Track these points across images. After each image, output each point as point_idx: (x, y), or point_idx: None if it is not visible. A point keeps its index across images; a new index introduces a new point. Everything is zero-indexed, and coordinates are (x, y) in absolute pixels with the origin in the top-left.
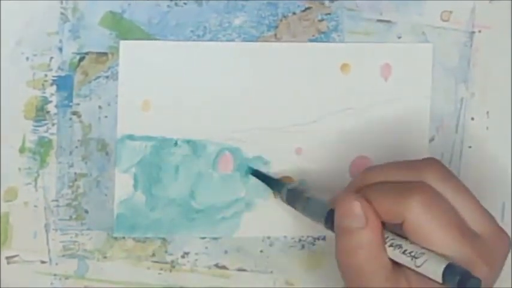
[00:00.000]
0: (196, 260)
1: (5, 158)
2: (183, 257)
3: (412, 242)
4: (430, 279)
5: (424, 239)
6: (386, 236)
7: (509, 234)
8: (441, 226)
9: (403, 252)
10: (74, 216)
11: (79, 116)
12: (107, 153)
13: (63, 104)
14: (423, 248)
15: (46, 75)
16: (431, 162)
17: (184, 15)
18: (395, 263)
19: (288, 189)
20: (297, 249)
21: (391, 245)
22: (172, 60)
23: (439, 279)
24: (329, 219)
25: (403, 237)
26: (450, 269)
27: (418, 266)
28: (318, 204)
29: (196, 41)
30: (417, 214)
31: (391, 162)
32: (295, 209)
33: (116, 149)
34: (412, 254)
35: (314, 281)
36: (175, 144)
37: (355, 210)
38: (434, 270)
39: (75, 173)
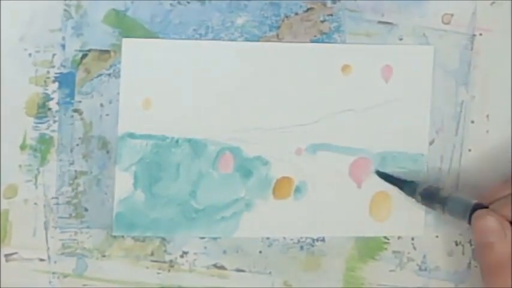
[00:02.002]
0: (195, 259)
1: (5, 155)
2: (181, 256)
3: None
4: None
5: None
6: None
7: None
8: None
9: None
10: (73, 214)
11: (80, 114)
12: (107, 152)
13: (64, 101)
14: None
15: (48, 72)
16: None
17: (187, 14)
18: None
19: (423, 189)
20: (296, 250)
21: None
22: (174, 59)
23: None
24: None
25: None
26: None
27: None
28: (459, 202)
29: (199, 40)
30: None
31: None
32: (432, 208)
33: (116, 147)
34: None
35: (312, 282)
36: (176, 143)
37: (491, 225)
38: None
39: (76, 171)
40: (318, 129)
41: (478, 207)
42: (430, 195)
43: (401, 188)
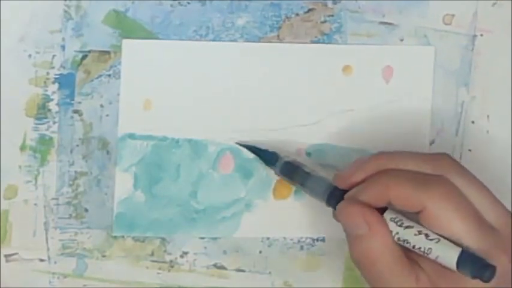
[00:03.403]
0: (195, 260)
1: (5, 156)
2: (181, 256)
3: (418, 233)
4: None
5: (442, 229)
6: (391, 230)
7: None
8: (460, 218)
9: (413, 248)
10: (73, 215)
11: (80, 115)
12: (107, 152)
13: (64, 102)
14: (432, 239)
15: (48, 73)
16: (446, 157)
17: (187, 14)
18: (411, 258)
19: (284, 162)
20: (296, 250)
21: (398, 240)
22: (174, 60)
23: (453, 267)
24: (331, 198)
25: (408, 225)
26: (464, 257)
27: (435, 259)
28: (319, 181)
29: (199, 40)
30: (438, 204)
31: (405, 152)
32: (291, 183)
33: (116, 148)
34: (421, 249)
35: (312, 282)
36: (176, 143)
37: (356, 219)
38: (449, 259)
39: (76, 172)
40: (318, 129)
41: (336, 191)
42: (290, 170)
43: (261, 158)
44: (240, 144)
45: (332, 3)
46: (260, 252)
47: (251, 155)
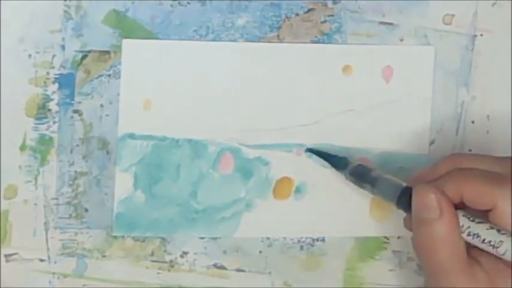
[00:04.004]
0: (195, 259)
1: (5, 156)
2: (181, 256)
3: (490, 228)
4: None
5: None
6: (462, 224)
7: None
8: None
9: (482, 242)
10: (73, 215)
11: (80, 114)
12: (107, 152)
13: (64, 102)
14: (504, 233)
15: (48, 73)
16: None
17: (187, 14)
18: (471, 256)
19: (354, 166)
20: (296, 250)
21: (468, 234)
22: (174, 60)
23: None
24: (402, 199)
25: (480, 221)
26: None
27: (501, 254)
28: (389, 183)
29: (199, 40)
30: (510, 202)
31: (479, 153)
32: (361, 187)
33: (116, 148)
34: (492, 243)
35: (312, 282)
36: (176, 143)
37: (430, 202)
38: None
39: (76, 172)
40: (319, 129)
41: (407, 191)
42: (360, 174)
43: (332, 163)
44: (311, 150)
45: (332, 3)
46: (260, 252)
47: (251, 155)
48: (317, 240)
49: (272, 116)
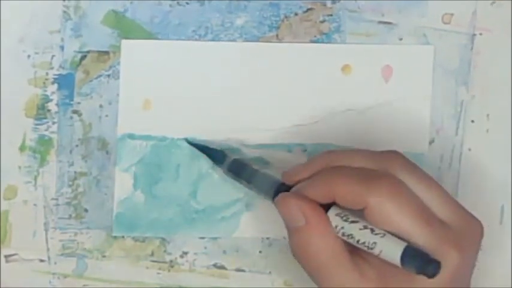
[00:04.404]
0: (195, 259)
1: (5, 156)
2: (181, 256)
3: (364, 227)
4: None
5: (387, 225)
6: (336, 224)
7: (509, 234)
8: (405, 213)
9: (357, 242)
10: (73, 215)
11: (80, 115)
12: (107, 152)
13: (64, 103)
14: (377, 233)
15: (47, 74)
16: (395, 154)
17: (186, 14)
18: (358, 253)
19: (232, 160)
20: None
21: (343, 234)
22: (173, 60)
23: (397, 262)
24: (278, 195)
25: (354, 221)
26: (409, 252)
27: (377, 255)
28: (266, 178)
29: (198, 40)
30: (381, 200)
31: (354, 149)
32: (239, 182)
33: (116, 148)
34: (365, 244)
35: (312, 282)
36: (176, 143)
37: (293, 212)
38: (392, 254)
39: (75, 172)
40: (318, 129)
41: (282, 188)
42: (237, 168)
43: (209, 156)
44: (189, 142)
45: (331, 2)
46: (260, 252)
47: (251, 155)
48: None
49: (271, 115)
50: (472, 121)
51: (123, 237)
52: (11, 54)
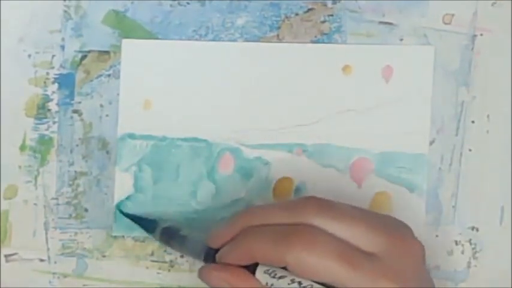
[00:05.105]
0: (195, 260)
1: (5, 156)
2: (181, 256)
3: (291, 282)
4: None
5: (312, 276)
6: (266, 282)
7: (509, 234)
8: (327, 261)
9: None
10: (73, 215)
11: (80, 115)
12: (107, 152)
13: (64, 102)
14: (305, 286)
15: (48, 73)
16: (309, 200)
17: (187, 14)
18: None
19: (162, 228)
20: None
21: None
22: (174, 60)
23: None
24: (208, 259)
25: (282, 276)
26: None
27: None
28: (195, 243)
29: (199, 40)
30: (298, 256)
31: (272, 204)
32: (171, 248)
33: (116, 148)
34: None
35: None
36: (176, 143)
37: (216, 282)
38: None
39: (76, 172)
40: (318, 129)
41: (211, 252)
42: (169, 234)
43: (141, 226)
44: (123, 213)
45: (332, 3)
46: None
47: (251, 155)
48: None
49: (272, 115)
50: (473, 122)
51: (123, 237)
52: (11, 54)
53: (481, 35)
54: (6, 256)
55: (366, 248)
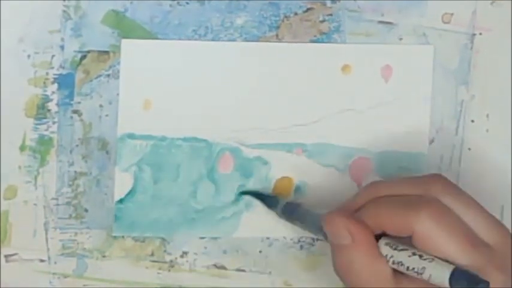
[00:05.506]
0: (195, 259)
1: (5, 156)
2: (182, 256)
3: (412, 254)
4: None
5: (434, 250)
6: (386, 254)
7: None
8: (451, 238)
9: (407, 269)
10: (73, 215)
11: (80, 115)
12: (107, 152)
13: (64, 102)
14: (426, 258)
15: (47, 73)
16: (437, 178)
17: (186, 14)
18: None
19: (284, 204)
20: (296, 249)
21: (393, 263)
22: (173, 60)
23: (446, 285)
24: None
25: (403, 248)
26: (457, 275)
27: (427, 280)
28: (316, 217)
29: (198, 40)
30: (427, 227)
31: (397, 177)
32: (292, 223)
33: (116, 148)
34: (415, 270)
35: (312, 282)
36: (176, 143)
37: (339, 229)
38: (441, 277)
39: (75, 172)
40: (318, 129)
41: None
42: (291, 209)
43: (263, 202)
44: (244, 192)
45: (331, 2)
46: (260, 252)
47: (251, 155)
48: (317, 240)
49: (271, 115)
50: (472, 121)
51: (123, 237)
52: (11, 54)
53: (480, 34)
54: (6, 256)
55: (482, 235)
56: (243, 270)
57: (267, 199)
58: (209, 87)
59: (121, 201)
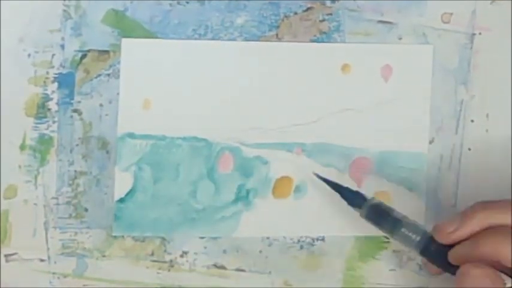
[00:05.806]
0: (195, 259)
1: (5, 155)
2: (181, 256)
3: None
4: None
5: None
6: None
7: None
8: None
9: None
10: (73, 215)
11: (80, 114)
12: (107, 152)
13: (64, 102)
14: None
15: (48, 73)
16: None
17: (186, 14)
18: None
19: (371, 204)
20: (296, 249)
21: None
22: (173, 59)
23: None
24: (427, 249)
25: None
26: None
27: None
28: (411, 230)
29: (198, 39)
30: None
31: (503, 202)
32: (377, 226)
33: (116, 147)
34: None
35: (312, 282)
36: (176, 143)
37: (485, 282)
38: None
39: (75, 171)
40: (318, 128)
41: (433, 243)
42: (378, 213)
43: (344, 198)
44: (320, 177)
45: (331, 2)
46: (260, 251)
47: (251, 155)
48: (317, 239)
49: (271, 115)
50: (472, 121)
51: (123, 237)
52: (11, 53)
53: (480, 33)
54: (6, 256)
55: None
56: (243, 270)
57: (349, 195)
58: (209, 87)
59: (121, 200)
